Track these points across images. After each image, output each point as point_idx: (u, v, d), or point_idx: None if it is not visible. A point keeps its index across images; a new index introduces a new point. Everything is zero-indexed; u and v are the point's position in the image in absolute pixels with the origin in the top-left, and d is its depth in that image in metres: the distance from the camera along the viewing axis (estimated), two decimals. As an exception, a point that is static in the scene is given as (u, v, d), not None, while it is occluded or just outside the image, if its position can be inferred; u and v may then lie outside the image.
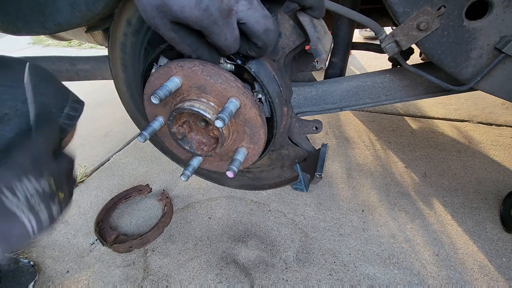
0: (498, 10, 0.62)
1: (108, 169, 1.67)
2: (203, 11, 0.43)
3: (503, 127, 1.78)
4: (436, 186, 1.38)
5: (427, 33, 0.67)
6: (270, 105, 0.64)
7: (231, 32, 0.47)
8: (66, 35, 1.36)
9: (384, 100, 0.89)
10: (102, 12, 0.68)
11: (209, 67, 0.56)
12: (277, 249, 1.14)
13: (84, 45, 4.57)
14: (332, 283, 1.01)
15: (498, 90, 0.71)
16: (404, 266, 1.05)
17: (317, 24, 0.59)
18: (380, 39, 0.72)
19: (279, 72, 0.68)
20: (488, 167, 1.46)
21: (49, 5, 0.67)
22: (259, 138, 0.64)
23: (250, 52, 0.54)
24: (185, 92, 0.61)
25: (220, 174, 1.09)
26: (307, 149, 0.86)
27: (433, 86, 0.84)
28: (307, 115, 0.92)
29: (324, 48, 0.60)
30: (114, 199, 1.38)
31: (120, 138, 1.96)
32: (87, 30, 1.02)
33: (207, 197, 1.41)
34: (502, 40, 0.65)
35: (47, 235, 1.26)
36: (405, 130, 1.83)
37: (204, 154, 0.68)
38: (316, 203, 1.33)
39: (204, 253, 1.14)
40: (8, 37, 5.18)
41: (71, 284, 1.06)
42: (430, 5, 0.63)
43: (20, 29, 0.73)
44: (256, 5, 0.47)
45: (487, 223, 1.18)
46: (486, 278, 0.99)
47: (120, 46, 0.83)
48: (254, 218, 1.28)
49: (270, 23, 0.49)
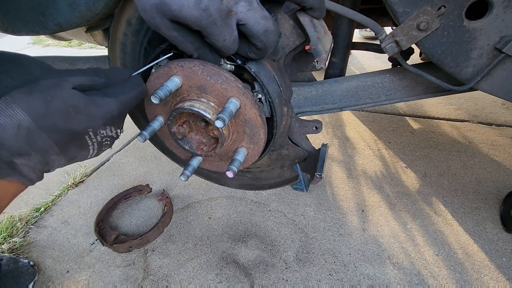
0: (498, 10, 0.62)
1: (108, 169, 1.67)
2: (202, 11, 0.43)
3: (503, 127, 1.78)
4: (436, 186, 1.38)
5: (427, 33, 0.67)
6: (270, 105, 0.64)
7: (230, 33, 0.47)
8: (66, 35, 1.35)
9: (384, 100, 0.89)
10: (102, 12, 0.68)
11: (209, 67, 0.56)
12: (277, 249, 1.14)
13: (84, 45, 4.57)
14: (332, 283, 1.01)
15: (498, 90, 0.71)
16: (404, 266, 1.05)
17: (317, 24, 0.59)
18: (380, 39, 0.72)
19: (279, 72, 0.68)
20: (488, 167, 1.46)
21: (49, 5, 0.67)
22: (259, 138, 0.64)
23: (250, 54, 0.53)
24: (185, 92, 0.61)
25: (220, 174, 1.09)
26: (307, 149, 0.86)
27: (433, 86, 0.84)
28: (307, 115, 0.92)
29: (324, 48, 0.60)
30: (114, 199, 1.38)
31: (120, 138, 1.95)
32: (87, 30, 1.02)
33: (207, 197, 1.41)
34: (502, 40, 0.65)
35: (48, 235, 1.26)
36: (405, 130, 1.83)
37: (204, 154, 0.68)
38: (316, 203, 1.33)
39: (204, 253, 1.14)
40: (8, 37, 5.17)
41: (71, 284, 1.06)
42: (430, 5, 0.63)
43: (20, 29, 0.73)
44: (256, 6, 0.47)
45: (487, 223, 1.18)
46: (486, 278, 0.99)
47: (120, 46, 0.83)
48: (254, 218, 1.28)
49: (270, 24, 0.48)
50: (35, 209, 1.38)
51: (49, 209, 1.40)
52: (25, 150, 0.38)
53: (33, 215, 1.35)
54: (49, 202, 1.42)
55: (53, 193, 1.49)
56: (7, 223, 1.28)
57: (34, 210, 1.38)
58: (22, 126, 0.36)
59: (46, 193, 1.49)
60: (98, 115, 0.43)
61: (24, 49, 4.98)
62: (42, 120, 0.38)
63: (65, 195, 1.48)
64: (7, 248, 1.17)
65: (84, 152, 0.46)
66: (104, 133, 0.46)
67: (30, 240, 1.24)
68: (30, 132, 0.37)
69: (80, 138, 0.43)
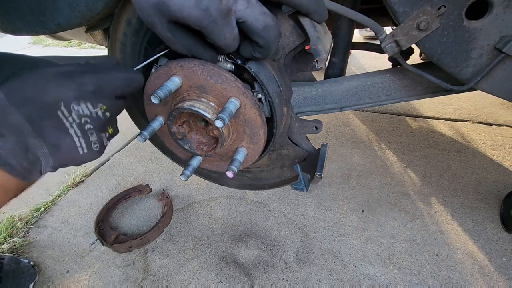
0: (498, 10, 0.62)
1: (108, 169, 1.67)
2: (202, 11, 0.43)
3: (503, 127, 1.78)
4: (436, 186, 1.38)
5: (427, 33, 0.67)
6: (270, 105, 0.64)
7: (230, 31, 0.48)
8: (66, 35, 1.35)
9: (384, 100, 0.89)
10: (102, 12, 0.68)
11: (209, 67, 0.56)
12: (277, 249, 1.14)
13: (84, 45, 4.57)
14: (332, 283, 1.01)
15: (498, 90, 0.71)
16: (404, 266, 1.05)
17: (317, 24, 0.59)
18: (380, 39, 0.72)
19: (279, 72, 0.68)
20: (488, 167, 1.46)
21: (49, 5, 0.67)
22: (259, 138, 0.64)
23: (255, 54, 0.53)
24: (185, 92, 0.61)
25: (220, 174, 1.09)
26: (307, 149, 0.86)
27: (433, 86, 0.84)
28: (307, 115, 0.92)
29: (324, 48, 0.60)
30: (114, 199, 1.38)
31: (120, 138, 1.95)
32: (87, 30, 1.02)
33: (207, 197, 1.41)
34: (502, 40, 0.65)
35: (48, 235, 1.26)
36: (405, 130, 1.83)
37: (204, 154, 0.68)
38: (316, 203, 1.33)
39: (204, 253, 1.14)
40: (8, 37, 5.17)
41: (71, 284, 1.06)
42: (430, 5, 0.63)
43: (20, 29, 0.73)
44: (254, 3, 0.47)
45: (487, 223, 1.18)
46: (486, 278, 0.99)
47: (120, 46, 0.83)
48: (254, 218, 1.28)
49: (269, 19, 0.49)
50: (35, 209, 1.38)
51: (49, 209, 1.40)
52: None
53: (33, 215, 1.35)
54: (49, 202, 1.43)
55: (53, 193, 1.49)
56: (7, 223, 1.28)
57: (34, 210, 1.38)
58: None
59: (46, 193, 1.50)
60: (67, 85, 0.41)
61: (24, 49, 4.98)
62: (13, 94, 0.38)
63: (65, 195, 1.48)
64: (7, 248, 1.17)
65: (66, 138, 0.42)
66: (79, 110, 0.42)
67: (30, 240, 1.24)
68: (1, 108, 0.37)
69: (53, 113, 0.40)
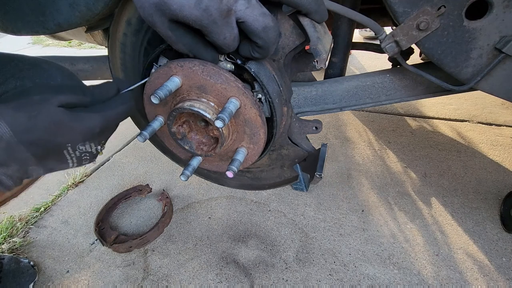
0: (498, 10, 0.62)
1: (108, 169, 1.67)
2: (202, 11, 0.43)
3: (503, 127, 1.78)
4: (436, 186, 1.38)
5: (427, 33, 0.67)
6: (270, 105, 0.64)
7: (230, 31, 0.48)
8: (66, 35, 1.35)
9: (384, 100, 0.89)
10: (102, 12, 0.68)
11: (209, 67, 0.56)
12: (277, 249, 1.14)
13: (84, 45, 4.58)
14: (332, 283, 1.01)
15: (498, 90, 0.71)
16: (404, 266, 1.05)
17: (317, 24, 0.59)
18: (380, 39, 0.72)
19: (279, 72, 0.68)
20: (488, 167, 1.46)
21: (49, 5, 0.67)
22: (259, 138, 0.64)
23: (254, 53, 0.53)
24: (185, 92, 0.61)
25: (220, 174, 1.09)
26: (307, 149, 0.86)
27: (433, 86, 0.84)
28: (307, 115, 0.92)
29: (324, 48, 0.60)
30: (114, 199, 1.38)
31: (120, 138, 1.96)
32: (87, 30, 1.02)
33: (207, 197, 1.41)
34: (502, 40, 0.65)
35: (48, 235, 1.26)
36: (405, 130, 1.83)
37: (204, 154, 0.68)
38: (316, 203, 1.33)
39: (204, 253, 1.14)
40: (8, 37, 5.18)
41: (71, 284, 1.06)
42: (430, 5, 0.63)
43: (20, 29, 0.73)
44: (254, 3, 0.47)
45: (487, 223, 1.18)
46: (486, 278, 0.99)
47: (120, 46, 0.83)
48: (254, 218, 1.28)
49: (269, 20, 0.49)
50: (35, 209, 1.38)
51: (49, 209, 1.40)
52: (4, 160, 0.40)
53: (33, 215, 1.35)
54: (49, 202, 1.43)
55: (53, 193, 1.49)
56: (7, 223, 1.28)
57: (34, 210, 1.38)
58: (2, 139, 0.38)
59: (46, 193, 1.50)
60: (78, 130, 0.44)
61: (24, 49, 4.98)
62: (23, 134, 0.40)
63: (65, 195, 1.48)
64: (7, 248, 1.17)
65: (63, 165, 0.47)
66: (83, 149, 0.47)
67: (30, 240, 1.24)
68: (9, 145, 0.39)
69: (58, 153, 0.44)
